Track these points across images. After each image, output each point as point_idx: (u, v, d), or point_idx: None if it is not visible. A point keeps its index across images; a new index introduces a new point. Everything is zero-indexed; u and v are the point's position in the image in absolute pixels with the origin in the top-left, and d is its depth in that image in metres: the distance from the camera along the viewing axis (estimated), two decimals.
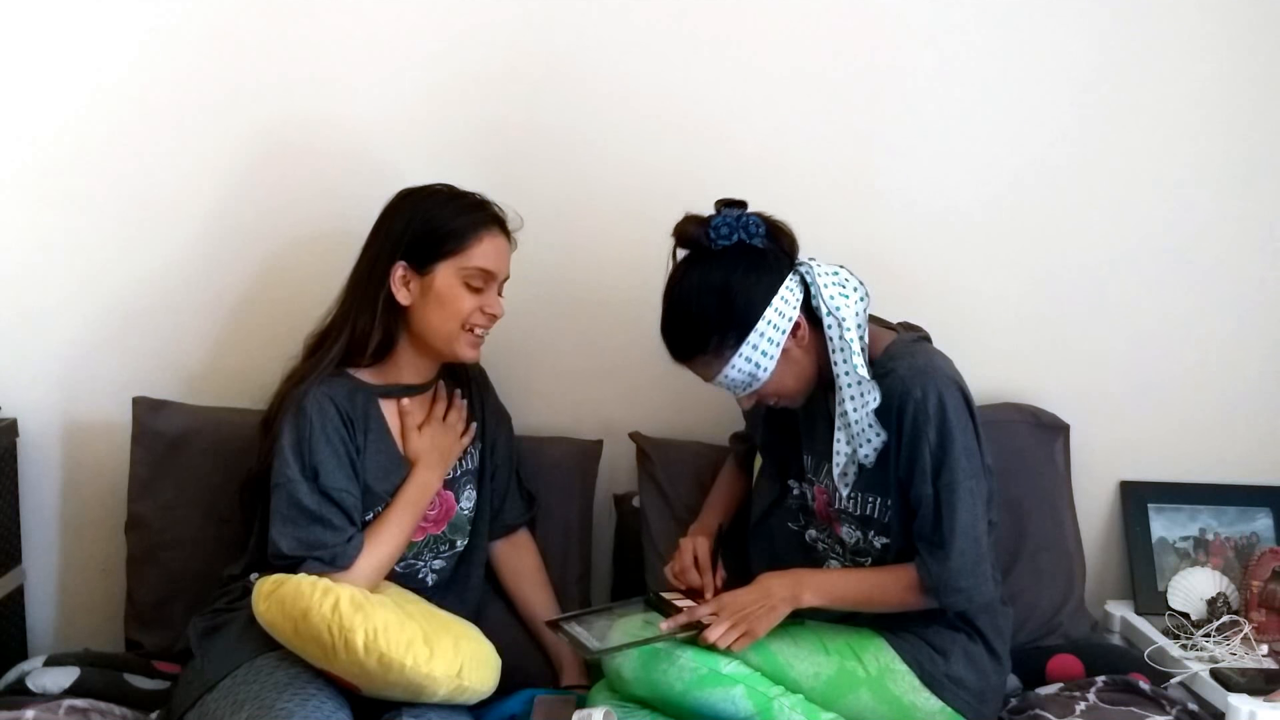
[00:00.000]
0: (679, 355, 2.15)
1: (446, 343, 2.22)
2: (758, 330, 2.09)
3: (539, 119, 2.58)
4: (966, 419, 2.11)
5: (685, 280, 2.12)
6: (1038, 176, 2.61)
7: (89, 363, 2.59)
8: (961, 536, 2.07)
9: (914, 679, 2.13)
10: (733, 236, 2.09)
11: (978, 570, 2.09)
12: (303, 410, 2.14)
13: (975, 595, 2.10)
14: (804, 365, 2.15)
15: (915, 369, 2.10)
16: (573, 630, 2.17)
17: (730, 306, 2.08)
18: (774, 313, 2.09)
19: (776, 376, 2.13)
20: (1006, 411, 2.59)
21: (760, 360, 2.10)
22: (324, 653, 1.96)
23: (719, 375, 2.12)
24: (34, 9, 2.53)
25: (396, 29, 2.55)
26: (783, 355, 2.11)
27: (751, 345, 2.09)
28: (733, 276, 2.09)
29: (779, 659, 2.12)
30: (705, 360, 2.13)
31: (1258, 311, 2.65)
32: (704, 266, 2.11)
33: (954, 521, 2.07)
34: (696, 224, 2.11)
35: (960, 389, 2.13)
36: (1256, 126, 2.61)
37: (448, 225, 2.19)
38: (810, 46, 2.56)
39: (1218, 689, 2.22)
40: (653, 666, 2.11)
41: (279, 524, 2.10)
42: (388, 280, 2.18)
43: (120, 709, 2.19)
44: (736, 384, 2.13)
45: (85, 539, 2.62)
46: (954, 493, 2.08)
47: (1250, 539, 2.61)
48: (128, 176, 2.57)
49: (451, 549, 2.33)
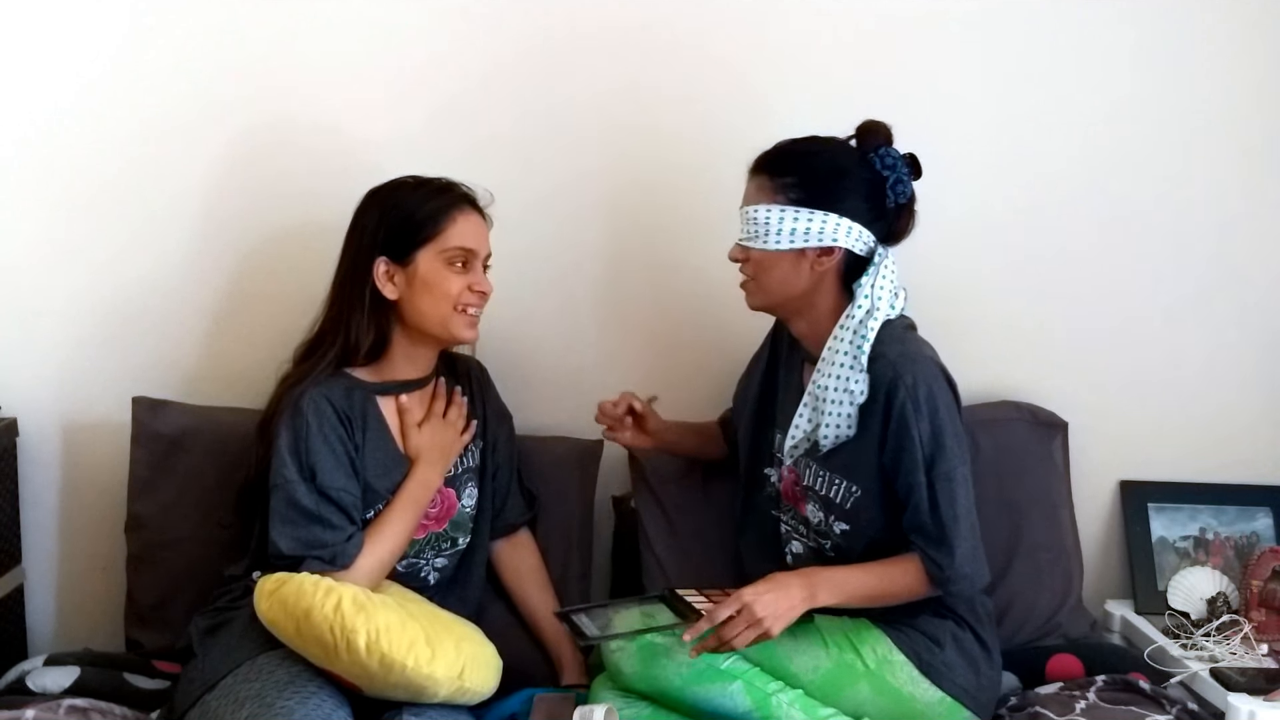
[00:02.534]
0: (761, 161, 2.18)
1: (443, 326, 2.21)
2: (819, 214, 2.12)
3: (534, 115, 2.57)
4: (954, 407, 2.13)
5: (834, 140, 2.19)
6: (1037, 174, 2.61)
7: (89, 362, 2.59)
8: (963, 523, 2.09)
9: (912, 669, 2.13)
10: (885, 171, 2.14)
11: (978, 555, 2.11)
12: (299, 411, 2.14)
13: (978, 580, 2.13)
14: (797, 283, 2.17)
15: (905, 355, 2.11)
16: (578, 620, 2.17)
17: (828, 183, 2.14)
18: (837, 223, 2.13)
19: (775, 259, 2.15)
20: (1004, 410, 2.59)
21: (789, 228, 2.13)
22: (326, 652, 1.96)
23: (757, 205, 2.15)
24: (24, 10, 2.53)
25: (387, 26, 2.55)
26: (798, 254, 2.14)
27: (802, 215, 2.12)
28: (858, 175, 2.15)
29: (778, 653, 2.13)
30: (767, 184, 2.16)
31: (1258, 311, 2.65)
32: (852, 151, 2.18)
33: (954, 509, 2.08)
34: (879, 134, 2.18)
35: (947, 377, 2.15)
36: (1257, 125, 2.61)
37: (420, 212, 2.19)
38: (811, 41, 2.56)
39: (1218, 688, 2.22)
40: (651, 662, 2.12)
41: (278, 524, 2.11)
42: (371, 279, 2.18)
43: (120, 708, 2.19)
44: (756, 225, 2.15)
45: (85, 539, 2.62)
46: (951, 481, 2.09)
47: (1250, 538, 2.61)
48: (126, 176, 2.56)
49: (453, 547, 2.33)
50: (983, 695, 2.18)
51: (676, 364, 2.61)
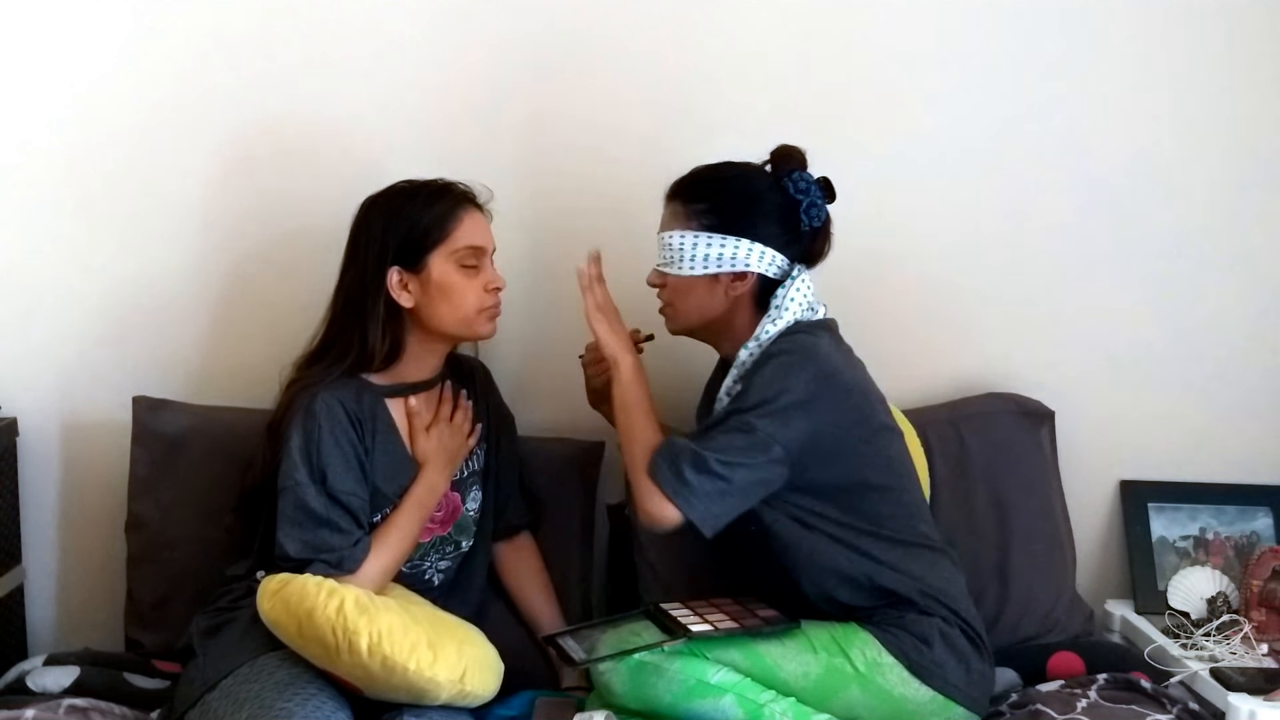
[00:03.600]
0: (676, 187, 2.23)
1: (466, 327, 2.23)
2: (732, 240, 2.17)
3: (536, 115, 2.57)
4: (808, 400, 2.10)
5: (748, 166, 2.24)
6: (1028, 166, 2.62)
7: (89, 362, 2.59)
8: (731, 468, 2.06)
9: (903, 670, 2.12)
10: (798, 195, 2.19)
11: (711, 506, 2.07)
12: (312, 413, 2.14)
13: (695, 504, 2.06)
14: (712, 307, 2.21)
15: (798, 345, 2.13)
16: (565, 644, 2.17)
17: (741, 208, 2.19)
18: (750, 248, 2.17)
19: (690, 285, 2.20)
20: (990, 402, 2.60)
21: (703, 254, 2.18)
22: (327, 654, 1.96)
23: (671, 231, 2.21)
24: (26, 10, 2.53)
25: (387, 27, 2.55)
26: (713, 280, 2.19)
27: (715, 240, 2.17)
28: (770, 201, 2.19)
29: (766, 660, 2.13)
30: (681, 210, 2.21)
31: (1258, 310, 2.66)
32: (765, 176, 2.22)
33: (729, 453, 2.06)
34: (793, 160, 2.22)
35: (830, 377, 2.13)
36: (1258, 120, 2.61)
37: (425, 216, 2.19)
38: (792, 31, 2.57)
39: (1218, 688, 2.22)
40: (641, 680, 2.11)
41: (285, 527, 2.10)
42: (383, 290, 2.18)
43: (120, 708, 2.18)
44: (671, 251, 2.20)
45: (85, 538, 2.61)
46: (744, 431, 2.07)
47: (1250, 538, 2.61)
48: (126, 175, 2.56)
49: (457, 550, 2.33)
50: (974, 690, 2.18)
51: (678, 364, 2.60)
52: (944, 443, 2.54)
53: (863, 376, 2.22)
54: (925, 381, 2.64)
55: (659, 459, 2.10)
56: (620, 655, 2.12)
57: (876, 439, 2.19)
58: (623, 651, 2.12)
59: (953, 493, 2.52)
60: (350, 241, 2.23)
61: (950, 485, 2.52)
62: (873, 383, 2.24)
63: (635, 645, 2.12)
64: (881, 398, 2.24)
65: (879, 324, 2.59)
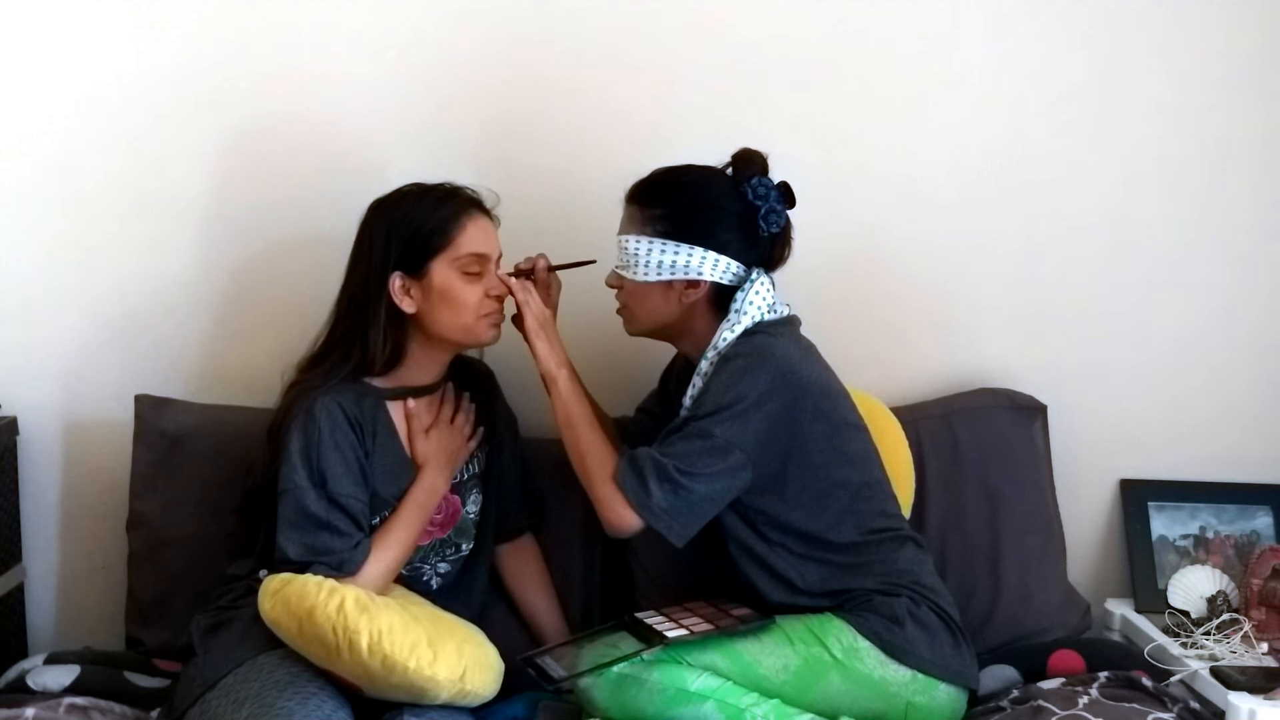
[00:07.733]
0: (634, 191, 2.24)
1: (468, 334, 2.22)
2: (685, 247, 2.18)
3: (537, 115, 2.58)
4: (772, 403, 2.11)
5: (707, 169, 2.24)
6: (1024, 164, 2.62)
7: (90, 361, 2.59)
8: (693, 476, 2.08)
9: (878, 653, 2.13)
10: (756, 201, 2.18)
11: (678, 507, 2.09)
12: (312, 416, 2.13)
13: (659, 515, 2.09)
14: (667, 312, 2.22)
15: (754, 347, 2.14)
16: (544, 663, 2.17)
17: (698, 214, 2.19)
18: (703, 257, 2.18)
19: (645, 290, 2.21)
20: (981, 397, 2.60)
21: (656, 261, 2.18)
22: (328, 653, 1.96)
23: (628, 235, 2.21)
24: (28, 11, 2.53)
25: (388, 28, 2.55)
26: (666, 286, 2.20)
27: (669, 247, 2.18)
28: (727, 208, 2.20)
29: (746, 658, 2.13)
30: (638, 214, 2.22)
31: (1258, 309, 2.66)
32: (724, 181, 2.22)
33: (688, 460, 2.08)
34: (753, 164, 2.22)
35: (792, 377, 2.13)
36: (1258, 117, 2.61)
37: (429, 222, 2.18)
38: (796, 20, 2.58)
39: (1218, 687, 2.22)
40: (622, 692, 2.11)
41: (285, 530, 2.10)
42: (385, 294, 2.17)
43: (121, 707, 2.19)
44: (627, 255, 2.21)
45: (86, 537, 2.61)
46: (703, 437, 2.09)
47: (1250, 537, 2.61)
48: (127, 175, 2.57)
49: (457, 553, 2.33)
50: (954, 664, 2.18)
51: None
52: (936, 438, 2.54)
53: (824, 372, 2.23)
54: (924, 378, 2.64)
55: (624, 467, 2.12)
56: (599, 669, 2.12)
57: (839, 435, 2.20)
58: (601, 665, 2.11)
59: (945, 487, 2.52)
60: (355, 244, 2.23)
61: (942, 479, 2.53)
62: (836, 379, 2.24)
63: (613, 657, 2.12)
64: (845, 394, 2.25)
65: (872, 320, 2.60)
